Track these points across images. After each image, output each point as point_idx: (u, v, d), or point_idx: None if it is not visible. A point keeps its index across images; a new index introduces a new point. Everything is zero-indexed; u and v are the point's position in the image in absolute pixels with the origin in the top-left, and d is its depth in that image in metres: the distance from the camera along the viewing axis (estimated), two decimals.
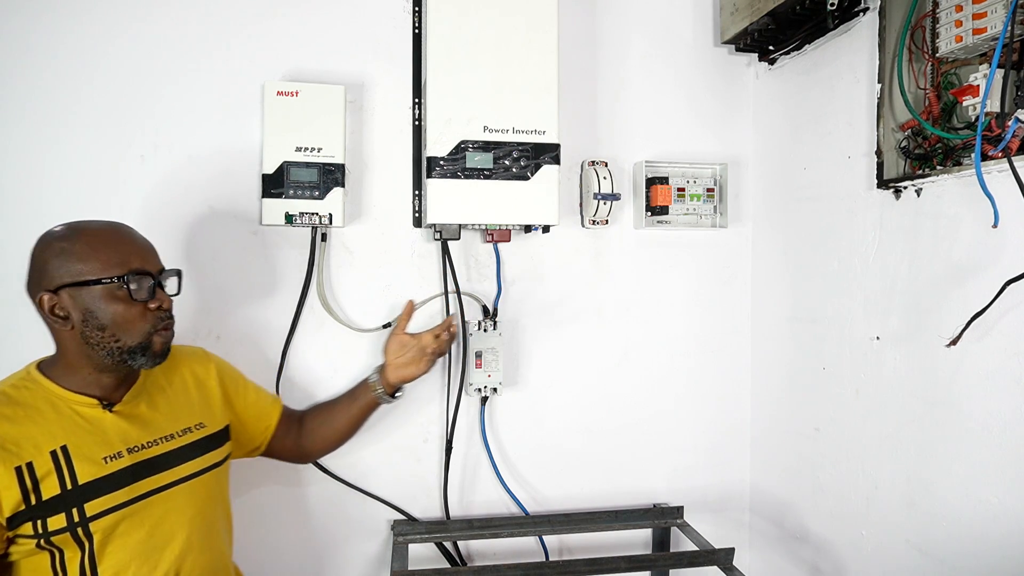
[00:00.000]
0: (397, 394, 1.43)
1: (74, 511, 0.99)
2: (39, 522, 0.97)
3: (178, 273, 1.15)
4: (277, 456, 1.40)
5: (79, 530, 0.99)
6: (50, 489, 0.98)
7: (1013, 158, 1.04)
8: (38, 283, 1.04)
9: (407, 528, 1.55)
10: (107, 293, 1.03)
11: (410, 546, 1.53)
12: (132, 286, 1.04)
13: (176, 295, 1.14)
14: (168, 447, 1.12)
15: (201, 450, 1.17)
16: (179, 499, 1.11)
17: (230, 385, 1.29)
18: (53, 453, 1.00)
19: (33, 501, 0.97)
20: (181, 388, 1.21)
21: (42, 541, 0.98)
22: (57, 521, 0.98)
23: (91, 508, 1.01)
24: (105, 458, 1.03)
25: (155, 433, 1.11)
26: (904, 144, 1.29)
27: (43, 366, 1.09)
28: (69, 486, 0.99)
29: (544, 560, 1.64)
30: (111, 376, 1.08)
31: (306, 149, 1.42)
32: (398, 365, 1.41)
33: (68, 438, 1.02)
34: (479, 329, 1.57)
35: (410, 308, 1.48)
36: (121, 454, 1.05)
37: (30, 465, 0.98)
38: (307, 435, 1.40)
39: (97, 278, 1.02)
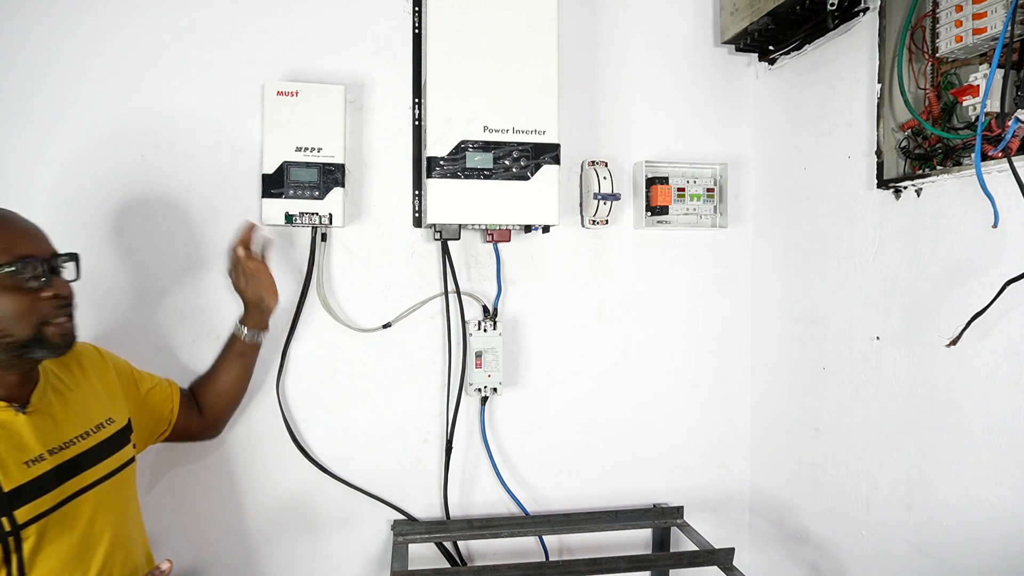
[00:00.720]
0: (266, 330, 1.39)
1: (4, 520, 0.93)
2: None
3: (74, 257, 1.06)
4: (185, 436, 1.37)
5: (10, 539, 0.94)
6: None
7: (1013, 158, 1.04)
8: None
9: (407, 528, 1.55)
10: None
11: (410, 546, 1.53)
12: (22, 274, 0.96)
13: (74, 281, 1.05)
14: (86, 445, 1.07)
15: (116, 445, 1.13)
16: (104, 497, 1.08)
17: (127, 375, 1.26)
18: None
19: None
20: (84, 383, 1.15)
21: None
22: None
23: (21, 515, 0.95)
24: (27, 462, 0.98)
25: (71, 432, 1.06)
26: (904, 144, 1.29)
27: None
28: None
29: (544, 560, 1.64)
30: (14, 374, 1.01)
31: (306, 149, 1.42)
32: (268, 292, 1.36)
33: None
34: (479, 329, 1.57)
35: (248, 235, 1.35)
36: (43, 456, 1.00)
37: None
38: (204, 406, 1.37)
39: None
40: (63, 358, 1.14)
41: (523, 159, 1.44)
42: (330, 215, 1.43)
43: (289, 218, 1.41)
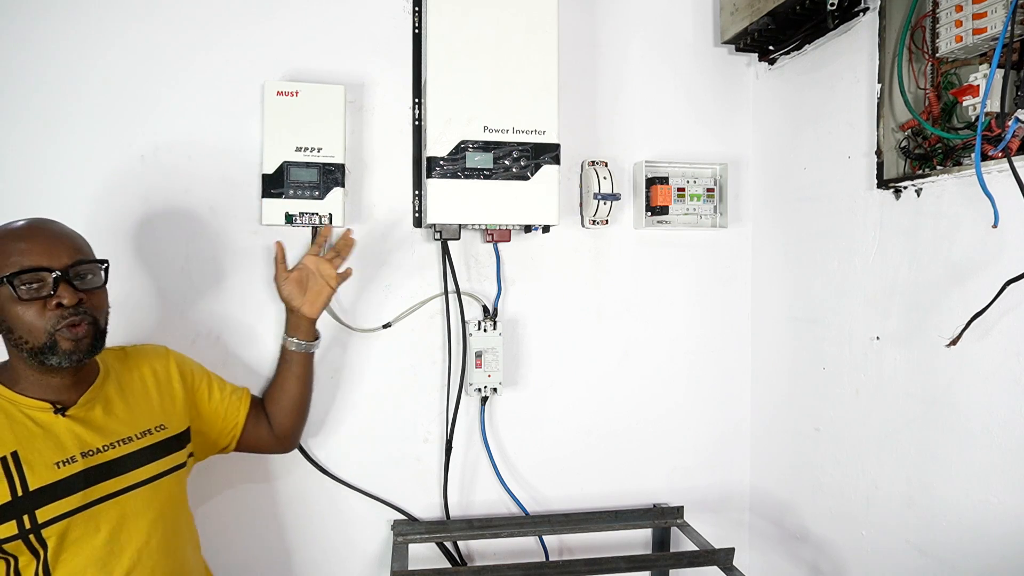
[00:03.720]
0: (318, 335, 1.39)
1: (25, 518, 0.97)
2: None
3: (96, 264, 1.08)
4: (254, 449, 1.37)
5: (31, 537, 0.97)
6: (0, 497, 0.96)
7: (1013, 158, 1.04)
8: None
9: (407, 528, 1.55)
10: (3, 294, 1.00)
11: (410, 546, 1.53)
12: (20, 287, 0.99)
13: (99, 288, 1.08)
14: (125, 450, 1.09)
15: (161, 452, 1.14)
16: (137, 503, 1.08)
17: (193, 384, 1.27)
18: (3, 460, 0.98)
19: None
20: (141, 389, 1.18)
21: None
22: (8, 528, 0.96)
23: (43, 514, 0.98)
24: (58, 463, 1.01)
25: (111, 436, 1.08)
26: (904, 144, 1.29)
27: None
28: (20, 492, 0.97)
29: (544, 560, 1.64)
30: (58, 377, 1.06)
31: (306, 149, 1.42)
32: (310, 300, 1.34)
33: (19, 444, 1.00)
34: (479, 329, 1.57)
35: (281, 249, 1.37)
36: (75, 459, 1.03)
37: None
38: (271, 420, 1.37)
39: None
40: (127, 360, 1.19)
41: (523, 159, 1.44)
42: (330, 215, 1.43)
43: (289, 218, 1.41)
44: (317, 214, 1.42)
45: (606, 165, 1.62)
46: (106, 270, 1.10)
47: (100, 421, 1.09)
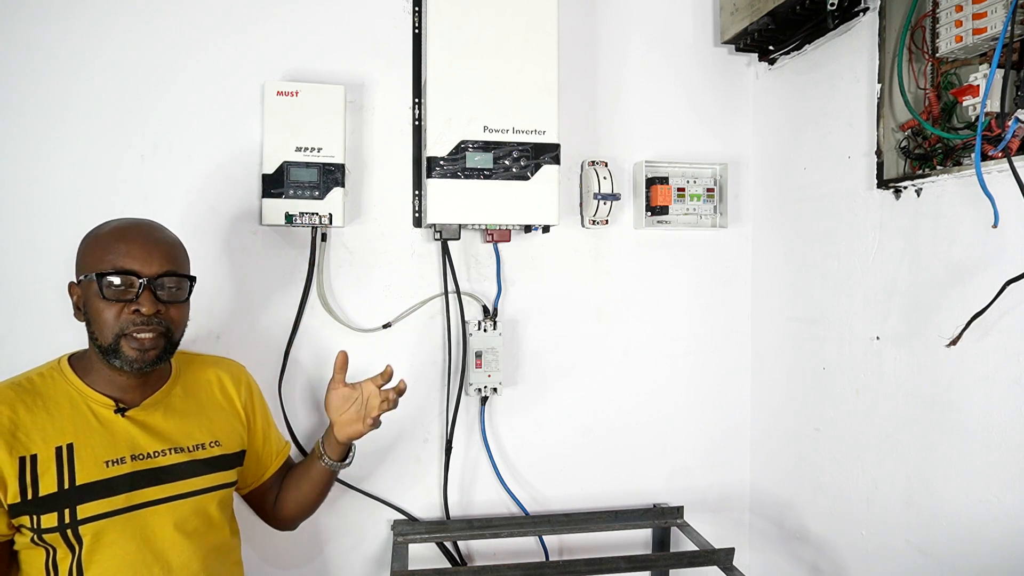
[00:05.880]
0: (348, 457, 1.28)
1: (66, 512, 0.98)
2: (34, 517, 0.97)
3: (181, 279, 1.10)
4: (257, 506, 1.34)
5: (69, 531, 0.98)
6: (47, 486, 0.98)
7: (1013, 158, 1.04)
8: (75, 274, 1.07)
9: (407, 528, 1.55)
10: (91, 289, 1.03)
11: (410, 546, 1.53)
12: (107, 287, 1.02)
13: (181, 301, 1.10)
14: (175, 459, 1.10)
15: (211, 468, 1.14)
16: (176, 515, 1.08)
17: (254, 416, 1.26)
18: (58, 449, 1.00)
19: (30, 496, 0.97)
20: (207, 402, 1.18)
21: (36, 537, 0.98)
22: (49, 519, 0.97)
23: (83, 511, 0.99)
24: (107, 462, 1.03)
25: (165, 444, 1.09)
26: (904, 144, 1.29)
27: (73, 359, 1.10)
28: (66, 485, 0.99)
29: (544, 560, 1.64)
30: (124, 377, 1.07)
31: (306, 149, 1.42)
32: (343, 423, 1.23)
33: (76, 436, 1.02)
34: (479, 329, 1.57)
35: (343, 359, 1.24)
36: (124, 460, 1.04)
37: (34, 458, 0.98)
38: (281, 494, 1.32)
39: (87, 273, 1.04)
40: (200, 368, 1.21)
41: (523, 159, 1.44)
42: (330, 215, 1.43)
43: (289, 218, 1.41)
44: (317, 214, 1.42)
45: (606, 165, 1.62)
46: (191, 285, 1.12)
47: (158, 426, 1.09)
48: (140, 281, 1.03)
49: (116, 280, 1.02)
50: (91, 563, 1.00)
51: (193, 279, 1.12)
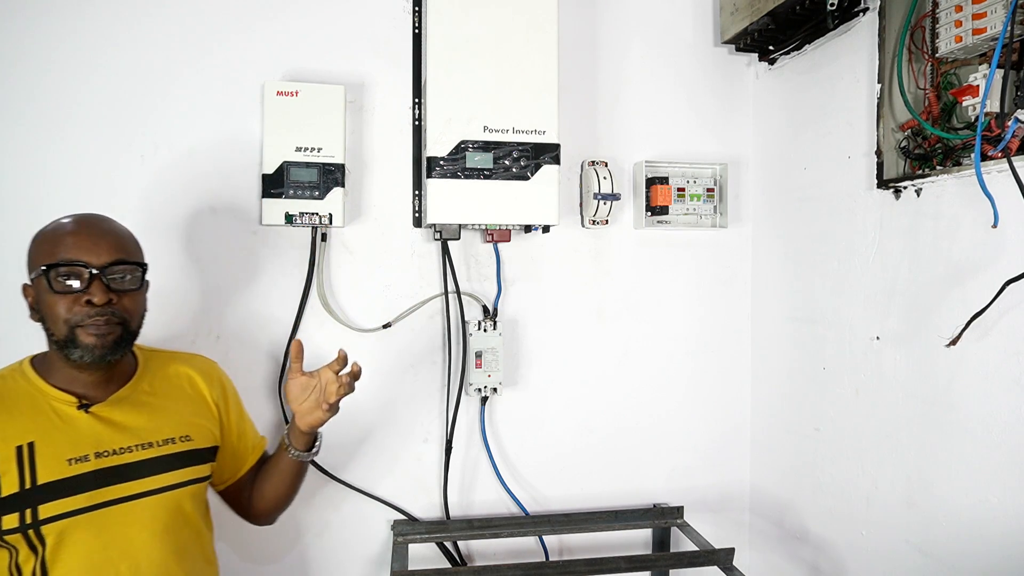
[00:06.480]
0: (315, 446, 1.25)
1: (27, 512, 0.96)
2: None
3: (135, 266, 1.06)
4: (234, 503, 1.30)
5: (31, 532, 0.96)
6: (9, 486, 0.95)
7: (1013, 158, 1.04)
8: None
9: (407, 528, 1.55)
10: (41, 285, 1.01)
11: (410, 546, 1.53)
12: (55, 279, 1.00)
13: (134, 290, 1.06)
14: (142, 456, 1.06)
15: (182, 463, 1.11)
16: (144, 513, 1.05)
17: (227, 411, 1.24)
18: (19, 449, 0.97)
19: None
20: (177, 396, 1.16)
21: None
22: (10, 520, 0.95)
23: (45, 511, 0.97)
24: (71, 460, 1.00)
25: (132, 439, 1.06)
26: (904, 144, 1.29)
27: (36, 360, 1.08)
28: (28, 485, 0.96)
29: (544, 560, 1.64)
30: (86, 373, 1.05)
31: (306, 149, 1.42)
32: (303, 412, 1.19)
33: (38, 435, 0.99)
34: (479, 329, 1.57)
35: (298, 347, 1.21)
36: (87, 458, 1.01)
37: None
38: (254, 492, 1.28)
39: (35, 269, 1.02)
40: (169, 364, 1.18)
41: (523, 159, 1.44)
42: (330, 215, 1.43)
43: (289, 218, 1.41)
44: (317, 214, 1.42)
45: (606, 165, 1.62)
46: (143, 274, 1.09)
47: (124, 422, 1.06)
48: (89, 271, 1.00)
49: (65, 271, 1.00)
50: (55, 563, 0.98)
51: (145, 267, 1.09)
